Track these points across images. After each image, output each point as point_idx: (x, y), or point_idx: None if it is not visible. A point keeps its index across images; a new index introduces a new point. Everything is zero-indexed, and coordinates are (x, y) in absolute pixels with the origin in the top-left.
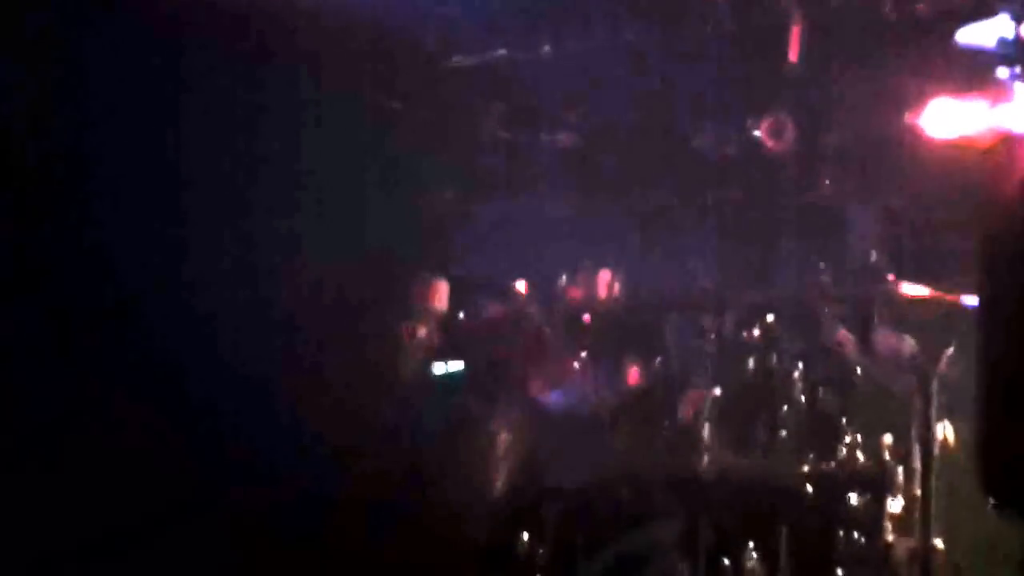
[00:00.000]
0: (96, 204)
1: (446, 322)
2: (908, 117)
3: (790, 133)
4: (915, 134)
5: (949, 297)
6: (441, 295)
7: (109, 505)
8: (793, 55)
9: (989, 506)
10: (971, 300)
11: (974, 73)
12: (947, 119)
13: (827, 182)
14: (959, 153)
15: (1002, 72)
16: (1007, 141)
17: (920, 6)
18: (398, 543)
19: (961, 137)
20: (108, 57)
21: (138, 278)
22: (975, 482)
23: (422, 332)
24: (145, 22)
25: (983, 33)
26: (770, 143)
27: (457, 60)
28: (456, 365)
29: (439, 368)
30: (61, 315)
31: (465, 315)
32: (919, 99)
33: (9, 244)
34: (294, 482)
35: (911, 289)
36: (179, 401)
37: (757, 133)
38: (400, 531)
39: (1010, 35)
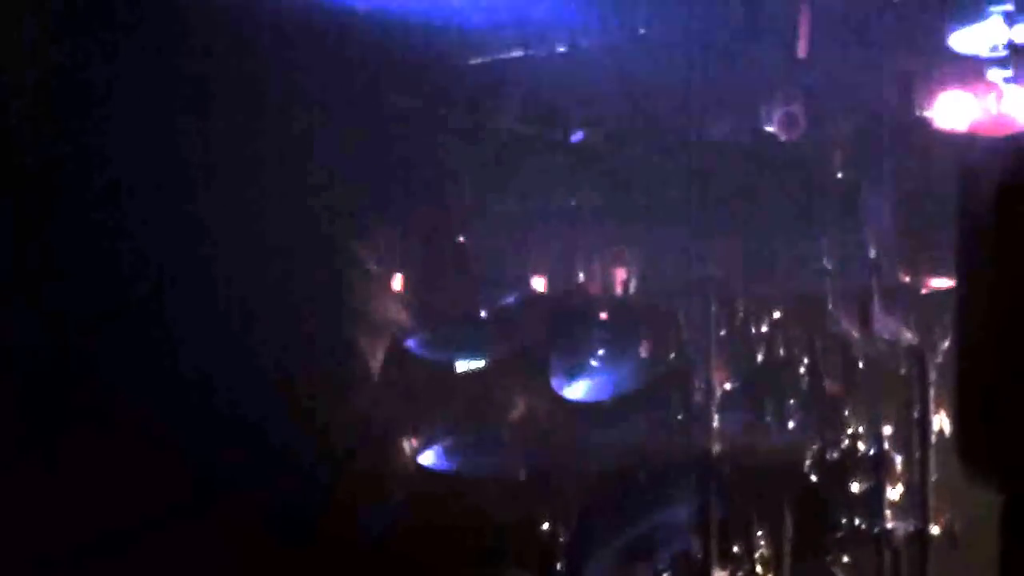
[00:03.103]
0: (96, 208)
1: (465, 316)
2: (917, 110)
3: (802, 125)
4: (924, 126)
5: (948, 287)
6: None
7: (106, 507)
8: (802, 49)
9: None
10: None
11: (969, 74)
12: (956, 112)
13: (838, 175)
14: (967, 145)
15: (994, 75)
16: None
17: None
18: (413, 530)
19: (970, 129)
20: (108, 61)
21: (137, 282)
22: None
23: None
24: (146, 25)
25: (976, 37)
26: (782, 135)
27: (474, 60)
28: (476, 359)
29: (460, 363)
30: (60, 318)
31: (484, 310)
32: (928, 92)
33: (10, 247)
34: (289, 483)
35: (912, 280)
36: (176, 403)
37: (770, 128)
38: (415, 517)
39: (1003, 39)
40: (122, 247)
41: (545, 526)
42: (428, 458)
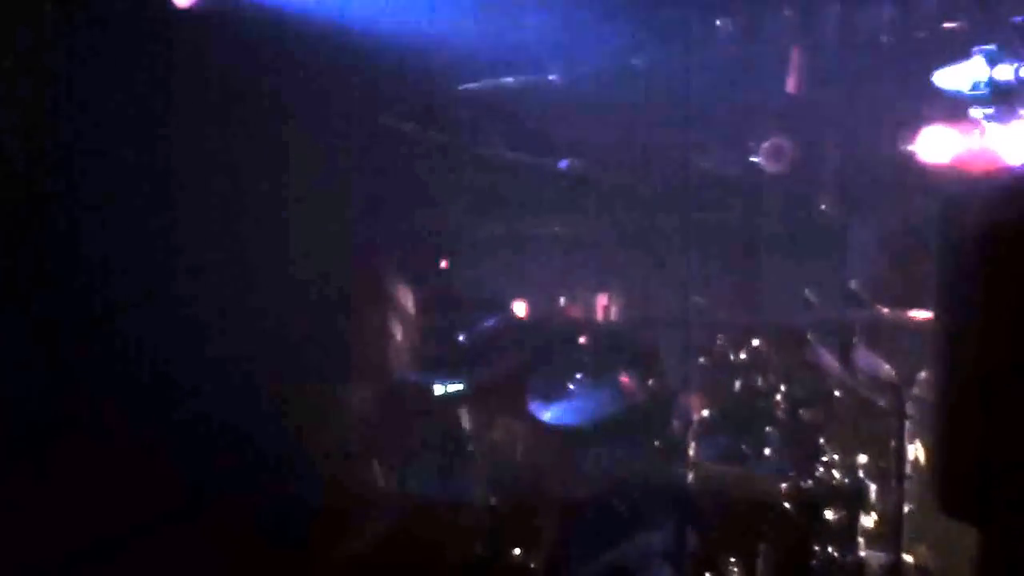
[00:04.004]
0: (85, 216)
1: (446, 339)
2: (902, 145)
3: (789, 156)
4: (909, 160)
5: (926, 321)
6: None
7: (97, 513)
8: (792, 83)
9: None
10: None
11: (953, 111)
12: (940, 147)
13: (822, 206)
14: (950, 180)
15: (977, 112)
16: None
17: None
18: (389, 553)
19: (953, 164)
20: (98, 71)
21: (125, 288)
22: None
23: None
24: (137, 36)
25: (960, 75)
26: (769, 166)
27: (466, 86)
28: (455, 383)
29: (439, 386)
30: (50, 324)
31: (465, 333)
32: (912, 128)
33: (0, 255)
34: (280, 488)
35: (890, 313)
36: (166, 409)
37: (757, 158)
38: (391, 541)
39: (985, 77)
40: (113, 255)
41: (520, 552)
42: (404, 482)
